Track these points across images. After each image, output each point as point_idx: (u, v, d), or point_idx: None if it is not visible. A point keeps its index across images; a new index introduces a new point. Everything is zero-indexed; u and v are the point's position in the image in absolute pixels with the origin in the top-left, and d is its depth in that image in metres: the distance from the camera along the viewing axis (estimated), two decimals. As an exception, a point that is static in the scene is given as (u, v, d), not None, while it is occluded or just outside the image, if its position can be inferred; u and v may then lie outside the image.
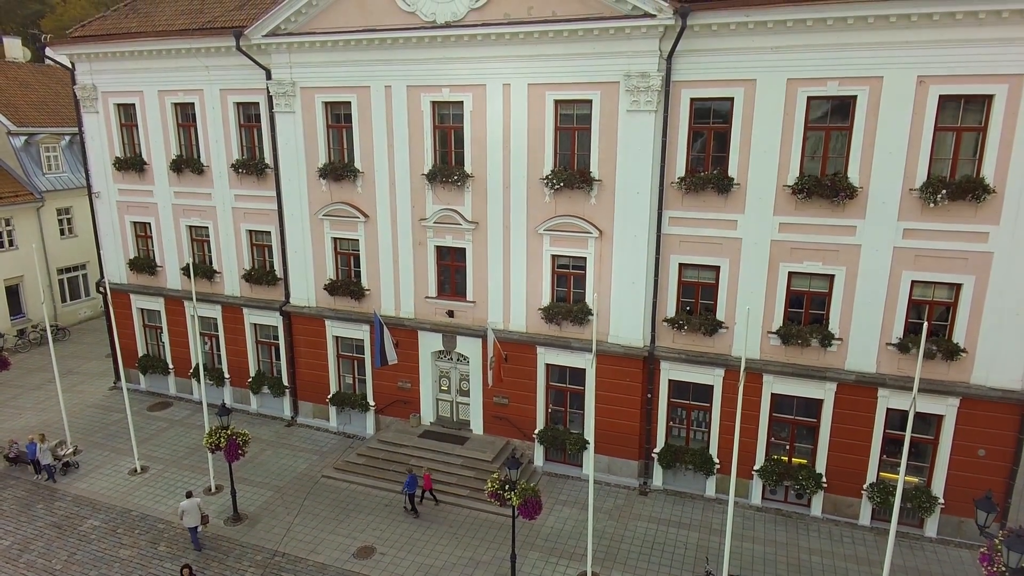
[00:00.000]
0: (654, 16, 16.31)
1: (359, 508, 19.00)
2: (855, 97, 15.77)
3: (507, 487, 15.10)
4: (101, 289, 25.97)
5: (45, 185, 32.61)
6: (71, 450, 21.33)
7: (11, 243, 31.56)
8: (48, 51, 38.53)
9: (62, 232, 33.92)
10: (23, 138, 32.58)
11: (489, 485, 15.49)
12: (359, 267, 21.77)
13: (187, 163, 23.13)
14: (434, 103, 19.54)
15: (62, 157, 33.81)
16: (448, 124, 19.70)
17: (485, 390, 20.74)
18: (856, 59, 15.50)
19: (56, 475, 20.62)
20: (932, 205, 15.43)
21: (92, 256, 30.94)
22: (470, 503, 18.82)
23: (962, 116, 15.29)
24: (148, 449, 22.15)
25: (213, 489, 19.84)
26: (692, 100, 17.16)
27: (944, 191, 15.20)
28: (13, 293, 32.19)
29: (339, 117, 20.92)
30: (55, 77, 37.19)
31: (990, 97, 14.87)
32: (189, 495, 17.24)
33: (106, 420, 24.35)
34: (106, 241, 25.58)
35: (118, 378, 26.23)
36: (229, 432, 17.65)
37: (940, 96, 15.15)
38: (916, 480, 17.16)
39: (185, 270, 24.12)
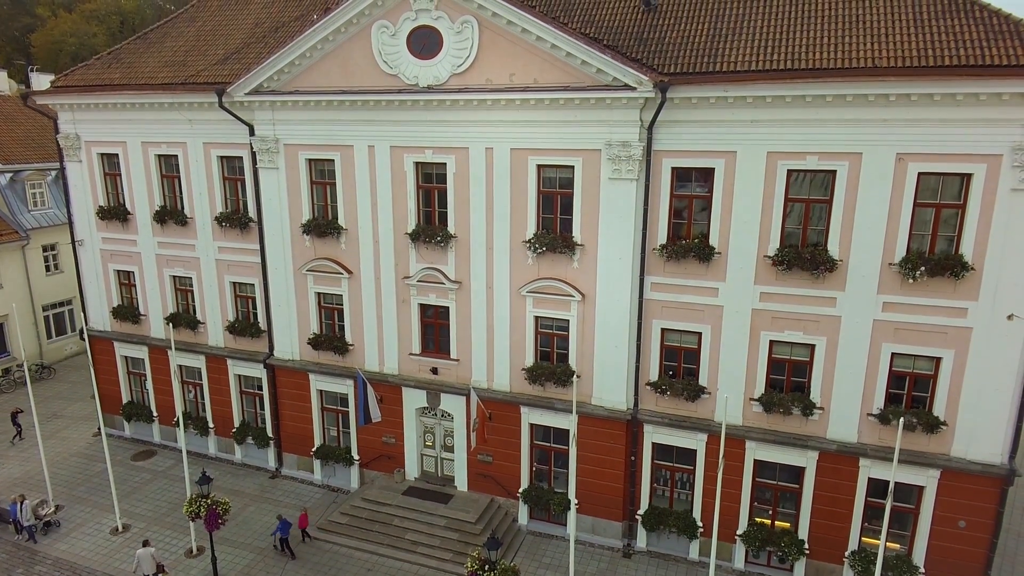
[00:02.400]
0: (634, 89, 16.32)
1: (342, 573, 18.89)
2: (835, 172, 15.81)
3: (487, 567, 15.04)
4: (84, 337, 25.87)
5: (30, 223, 32.41)
6: (52, 509, 21.16)
7: (-5, 282, 31.39)
8: (33, 79, 38.37)
9: (47, 268, 33.71)
10: (8, 175, 32.40)
11: (469, 565, 15.43)
12: (343, 321, 21.70)
13: (171, 214, 23.02)
14: (417, 163, 19.51)
15: (47, 193, 33.61)
16: (432, 184, 19.67)
17: (469, 447, 20.66)
18: (835, 135, 15.54)
19: (37, 535, 20.45)
20: (911, 281, 15.47)
21: (78, 292, 30.80)
22: (452, 567, 18.75)
23: (941, 193, 15.34)
24: (131, 505, 21.99)
25: (194, 551, 19.71)
26: (673, 169, 17.17)
27: (923, 267, 15.24)
28: (-2, 332, 32.01)
29: (323, 173, 20.85)
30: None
31: (969, 175, 14.92)
32: (146, 543, 17.39)
33: (89, 471, 24.16)
34: (89, 289, 25.43)
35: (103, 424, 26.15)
36: (209, 501, 17.53)
37: (919, 173, 15.21)
38: (897, 547, 17.18)
39: (169, 319, 24.00)
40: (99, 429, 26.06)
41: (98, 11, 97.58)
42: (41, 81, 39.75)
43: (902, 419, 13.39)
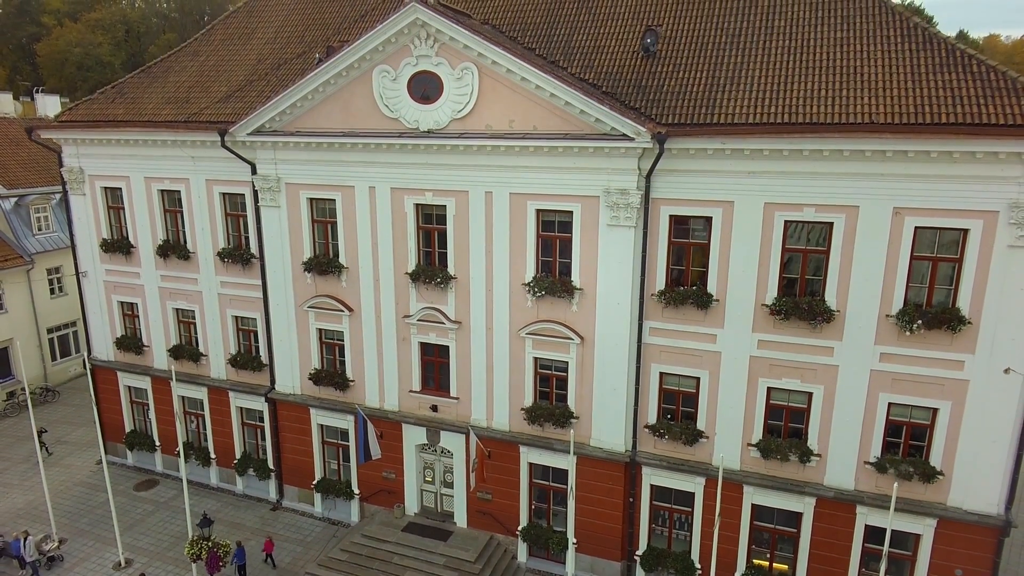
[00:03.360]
0: (632, 139, 16.42)
1: (342, 611, 19.04)
2: (832, 224, 15.89)
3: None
4: (87, 366, 26.06)
5: (35, 247, 32.66)
6: (56, 543, 21.33)
7: (0, 307, 31.57)
8: (38, 100, 38.64)
9: (52, 291, 33.96)
10: (13, 200, 32.64)
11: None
12: (344, 357, 21.84)
13: (173, 249, 23.18)
14: (417, 205, 19.63)
15: (52, 217, 33.86)
16: (432, 225, 19.79)
17: (469, 487, 20.74)
18: (832, 188, 15.62)
19: (40, 571, 20.63)
20: (908, 333, 15.53)
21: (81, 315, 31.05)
22: (452, 608, 18.89)
23: (938, 247, 15.40)
24: (133, 538, 22.15)
25: (196, 589, 19.89)
26: (671, 217, 17.27)
27: (920, 321, 15.30)
28: (2, 355, 32.18)
29: (324, 212, 20.98)
30: (46, 131, 37.22)
31: (966, 231, 14.98)
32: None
33: (92, 502, 24.34)
34: (93, 319, 25.62)
35: (105, 451, 26.33)
36: (210, 544, 17.68)
37: (916, 227, 15.27)
38: (895, 593, 17.26)
39: (172, 351, 24.20)
40: (100, 460, 26.26)
41: (103, 20, 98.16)
42: (47, 102, 40.16)
43: (898, 479, 13.41)
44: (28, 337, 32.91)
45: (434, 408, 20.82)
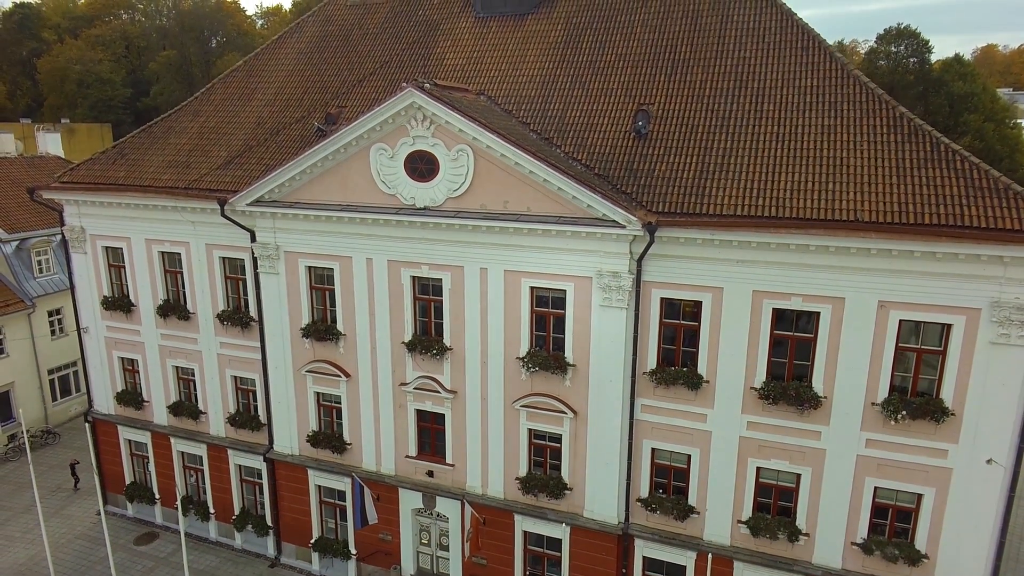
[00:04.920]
0: (624, 227, 16.76)
1: None
2: (818, 313, 16.22)
3: None
4: (88, 419, 26.40)
5: (36, 290, 32.98)
6: (56, 605, 21.70)
7: (1, 351, 31.87)
8: (39, 138, 38.82)
9: (53, 332, 34.27)
10: (14, 243, 32.97)
11: None
12: (341, 419, 22.15)
13: (173, 309, 23.51)
14: (414, 277, 19.96)
15: (53, 259, 34.17)
16: (428, 296, 20.10)
17: (464, 556, 21.02)
18: (819, 279, 15.95)
19: (41, 634, 20.99)
20: (893, 423, 15.86)
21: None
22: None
23: (922, 339, 15.73)
24: (133, 597, 22.50)
25: (195, 654, 20.20)
26: (662, 299, 17.60)
27: (905, 411, 15.63)
28: (3, 398, 32.49)
29: (322, 279, 21.30)
30: (47, 170, 37.55)
31: (949, 325, 15.31)
32: None
33: (93, 557, 24.62)
34: (94, 373, 25.94)
35: (106, 502, 26.70)
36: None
37: (900, 320, 15.60)
38: (882, 669, 17.55)
39: (171, 408, 24.54)
40: (105, 504, 26.55)
41: (103, 36, 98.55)
42: (47, 140, 40.43)
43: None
44: (29, 379, 33.24)
45: (430, 474, 21.14)
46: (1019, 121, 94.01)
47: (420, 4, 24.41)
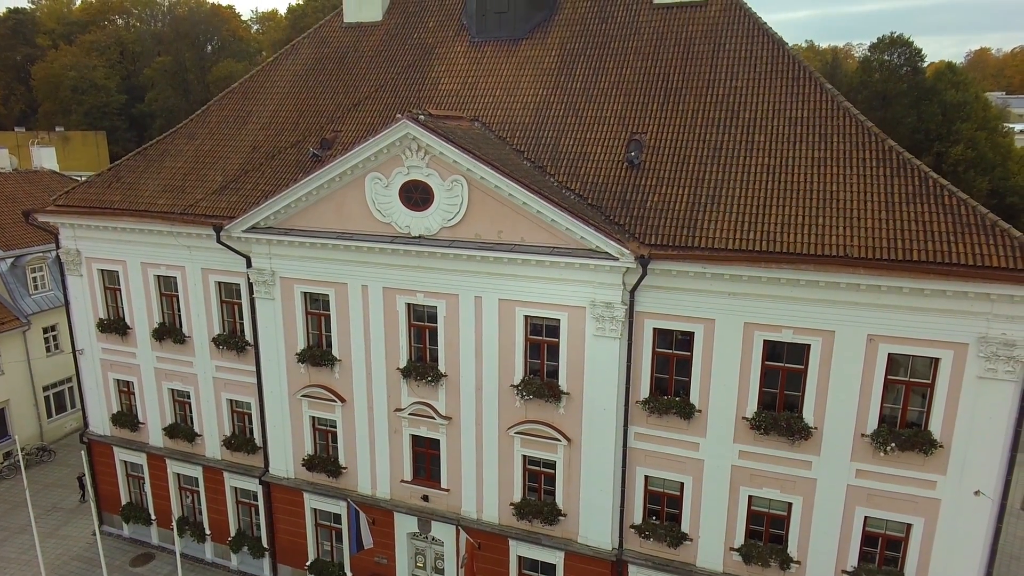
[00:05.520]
0: (617, 259, 16.92)
1: None
2: (809, 345, 16.41)
3: None
4: (84, 440, 26.47)
5: (31, 307, 32.97)
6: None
7: (-3, 369, 31.93)
8: (33, 152, 38.57)
9: (48, 349, 34.26)
10: (9, 261, 32.97)
11: None
12: (337, 443, 22.25)
13: (169, 332, 23.58)
14: (409, 305, 20.09)
15: (48, 276, 34.16)
16: (423, 323, 20.23)
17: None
18: (809, 313, 16.14)
19: (37, 659, 21.05)
20: (883, 454, 16.06)
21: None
22: None
23: (911, 372, 15.94)
24: (129, 621, 22.57)
25: None
26: (655, 330, 17.77)
27: (894, 443, 15.83)
28: (-1, 416, 32.55)
29: (318, 304, 21.41)
30: (42, 185, 37.62)
31: (937, 359, 15.51)
32: None
33: (88, 579, 24.75)
34: (89, 395, 25.99)
35: (102, 522, 26.82)
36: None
37: (889, 353, 15.80)
38: None
39: (167, 430, 24.63)
40: (101, 524, 26.65)
41: (98, 42, 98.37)
42: (42, 154, 40.42)
43: None
44: (24, 396, 33.25)
45: (425, 498, 21.26)
46: (1012, 126, 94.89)
47: (415, 27, 24.54)
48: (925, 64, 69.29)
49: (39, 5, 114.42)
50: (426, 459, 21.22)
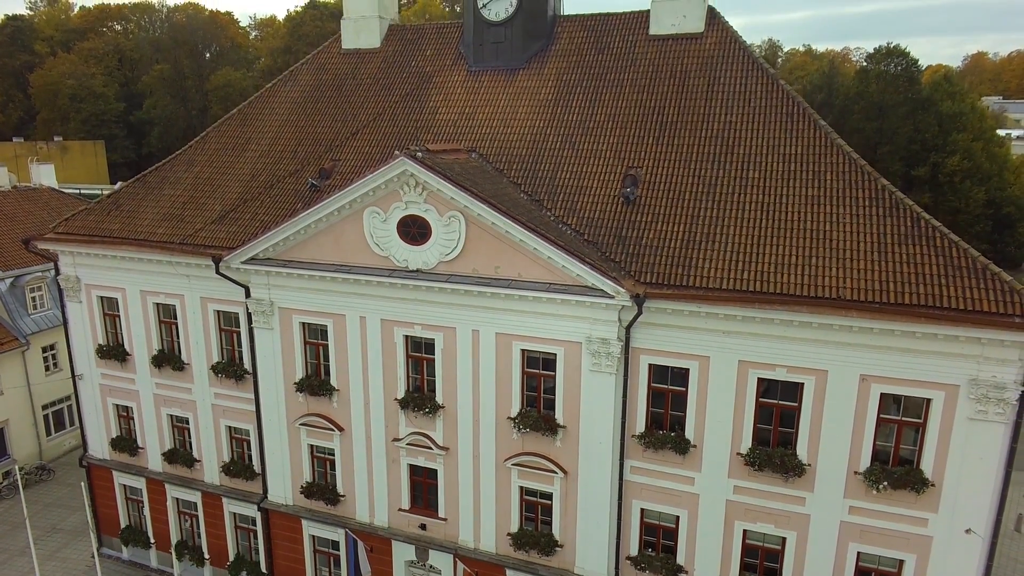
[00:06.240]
0: (612, 297, 17.09)
1: None
2: (802, 384, 16.59)
3: None
4: (84, 464, 26.60)
5: (30, 327, 33.08)
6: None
7: (-4, 390, 32.04)
8: (32, 170, 38.50)
9: (47, 368, 34.37)
10: (8, 281, 33.07)
11: None
12: (335, 471, 22.39)
13: (168, 359, 23.71)
14: (407, 336, 20.23)
15: (47, 295, 34.26)
16: (421, 354, 20.38)
17: (457, 603, 21.41)
18: (803, 352, 16.32)
19: None
20: (875, 492, 16.24)
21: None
22: None
23: (903, 411, 16.12)
24: (128, 648, 22.70)
25: None
26: (651, 365, 17.94)
27: (886, 482, 16.01)
28: (-2, 435, 32.65)
29: (316, 334, 21.55)
30: (41, 203, 37.74)
31: (928, 400, 15.69)
32: None
33: (88, 603, 24.88)
34: (89, 419, 26.11)
35: (101, 544, 26.97)
36: None
37: (881, 393, 15.98)
38: None
39: (166, 455, 24.76)
40: (100, 547, 26.80)
41: (96, 50, 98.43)
42: (41, 172, 40.52)
43: None
44: (23, 415, 33.36)
45: (423, 527, 21.41)
46: (1009, 132, 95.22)
47: (413, 55, 24.70)
48: (923, 68, 69.56)
49: (37, 12, 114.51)
50: (424, 488, 21.37)
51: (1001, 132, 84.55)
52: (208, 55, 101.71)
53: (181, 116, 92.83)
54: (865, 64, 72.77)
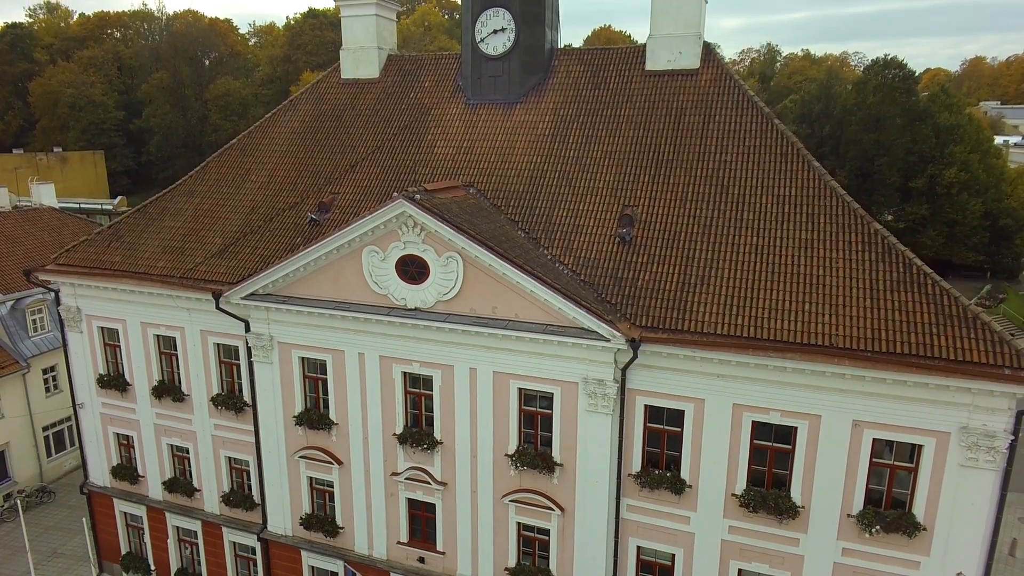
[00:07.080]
0: (608, 340, 17.28)
1: None
2: (796, 428, 16.79)
3: None
4: (84, 491, 26.77)
5: (31, 350, 33.25)
6: None
7: (-3, 413, 32.21)
8: (33, 189, 38.74)
9: (47, 389, 34.55)
10: (9, 304, 33.24)
11: None
12: (334, 503, 22.57)
13: (168, 390, 23.89)
14: (405, 373, 20.42)
15: (48, 317, 34.43)
16: (419, 390, 20.57)
17: (455, 635, 21.59)
18: (796, 397, 16.51)
19: None
20: (868, 535, 16.44)
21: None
22: None
23: (895, 456, 16.33)
24: None
25: None
26: (646, 407, 18.14)
27: (879, 525, 16.21)
28: (-1, 458, 32.82)
29: (315, 369, 21.73)
30: (41, 223, 37.91)
31: (920, 446, 15.89)
32: None
33: (89, 632, 25.05)
34: (89, 448, 26.28)
35: (101, 570, 27.16)
36: None
37: (874, 438, 16.18)
38: None
39: (166, 484, 24.95)
40: (100, 574, 26.99)
41: (95, 58, 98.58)
42: (42, 192, 40.70)
43: None
44: (24, 437, 33.53)
45: (421, 560, 21.60)
46: (1007, 138, 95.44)
47: (411, 87, 24.88)
48: (920, 73, 69.77)
49: (37, 20, 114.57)
50: (422, 522, 21.56)
51: (999, 139, 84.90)
52: (207, 63, 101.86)
53: (180, 124, 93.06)
54: (863, 75, 72.99)
